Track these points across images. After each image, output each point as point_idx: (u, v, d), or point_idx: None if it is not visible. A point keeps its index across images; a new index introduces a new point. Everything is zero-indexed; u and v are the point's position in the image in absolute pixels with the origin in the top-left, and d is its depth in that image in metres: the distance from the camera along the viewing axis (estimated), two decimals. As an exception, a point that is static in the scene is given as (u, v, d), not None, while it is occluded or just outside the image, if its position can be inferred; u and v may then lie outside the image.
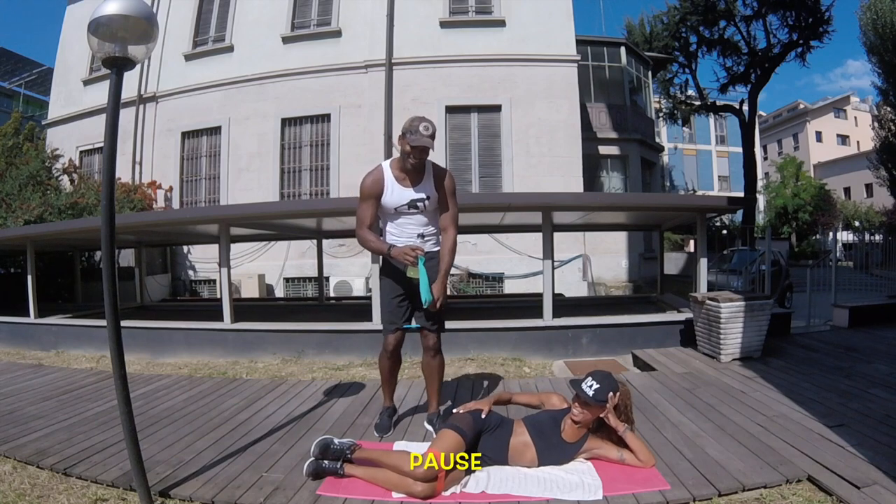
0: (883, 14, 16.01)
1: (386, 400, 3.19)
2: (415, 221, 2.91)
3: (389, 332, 2.98)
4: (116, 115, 2.11)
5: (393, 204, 2.86)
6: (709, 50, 18.02)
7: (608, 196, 9.90)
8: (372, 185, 2.85)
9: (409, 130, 2.71)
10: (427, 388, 3.18)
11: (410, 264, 2.71)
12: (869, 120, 23.62)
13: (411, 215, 2.90)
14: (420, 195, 2.85)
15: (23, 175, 9.22)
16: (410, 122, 2.73)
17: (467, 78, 10.28)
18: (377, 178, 2.85)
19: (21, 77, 22.13)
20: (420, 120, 2.71)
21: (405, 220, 2.91)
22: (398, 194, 2.85)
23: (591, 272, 10.63)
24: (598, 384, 2.47)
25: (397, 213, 2.89)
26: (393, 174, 2.86)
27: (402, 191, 2.84)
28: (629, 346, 5.17)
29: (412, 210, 2.87)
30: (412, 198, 2.85)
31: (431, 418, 3.08)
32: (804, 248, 24.48)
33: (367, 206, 2.87)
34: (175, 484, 2.42)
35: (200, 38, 11.55)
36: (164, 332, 5.76)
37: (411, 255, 2.70)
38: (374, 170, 2.91)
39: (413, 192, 2.85)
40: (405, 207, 2.86)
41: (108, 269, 2.10)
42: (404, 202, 2.85)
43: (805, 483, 2.34)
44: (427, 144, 2.69)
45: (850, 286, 7.47)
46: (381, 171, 2.87)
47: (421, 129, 2.68)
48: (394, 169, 2.87)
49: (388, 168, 2.88)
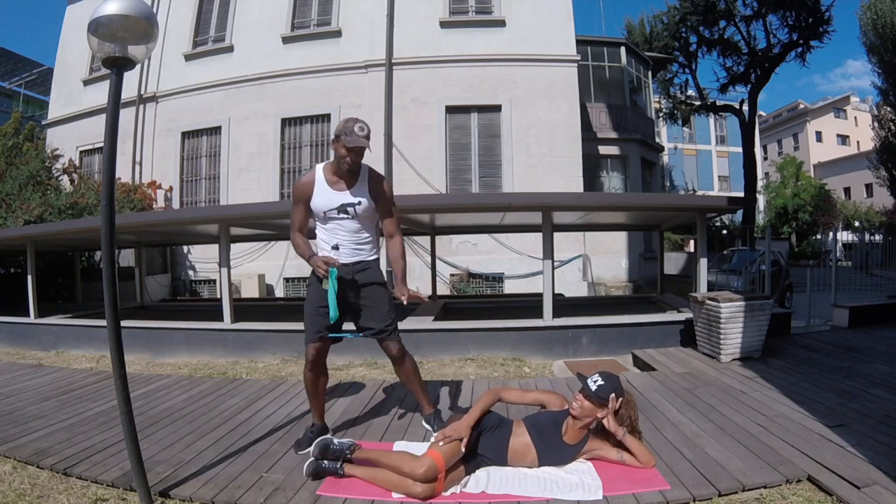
0: (883, 14, 16.01)
1: (315, 417, 2.94)
2: (345, 228, 2.75)
3: (310, 342, 2.77)
4: (116, 115, 2.11)
5: (321, 207, 2.70)
6: (709, 50, 18.02)
7: (608, 196, 9.91)
8: (301, 188, 2.73)
9: (343, 132, 2.59)
10: (413, 393, 3.06)
11: (322, 276, 2.61)
12: (869, 120, 23.62)
13: (341, 220, 2.73)
14: (352, 199, 2.70)
15: (23, 175, 9.22)
16: (344, 124, 2.62)
17: (467, 78, 10.29)
18: (308, 181, 2.73)
19: (21, 77, 22.14)
20: (354, 121, 2.61)
21: (335, 226, 2.75)
22: (328, 198, 2.70)
23: (591, 272, 10.63)
24: (603, 382, 2.48)
25: (327, 217, 2.73)
26: (325, 177, 2.71)
27: (332, 194, 2.70)
28: (629, 346, 5.17)
29: (342, 215, 2.71)
30: (343, 202, 2.69)
31: (429, 418, 3.02)
32: (804, 248, 24.49)
33: (297, 210, 2.76)
34: (175, 484, 2.42)
35: (200, 38, 11.55)
36: (164, 332, 5.76)
37: (323, 267, 2.58)
38: (307, 173, 2.79)
39: (344, 196, 2.70)
40: (334, 212, 2.71)
41: (108, 269, 2.10)
42: (334, 206, 2.70)
43: (805, 483, 2.34)
44: (364, 145, 2.58)
45: (850, 286, 7.48)
46: (314, 173, 2.74)
47: (356, 129, 2.58)
48: (327, 172, 2.73)
49: (321, 170, 2.74)
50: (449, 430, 2.40)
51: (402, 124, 10.24)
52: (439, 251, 9.16)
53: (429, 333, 5.31)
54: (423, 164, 10.14)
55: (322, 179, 2.71)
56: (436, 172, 10.11)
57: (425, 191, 9.85)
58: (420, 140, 10.21)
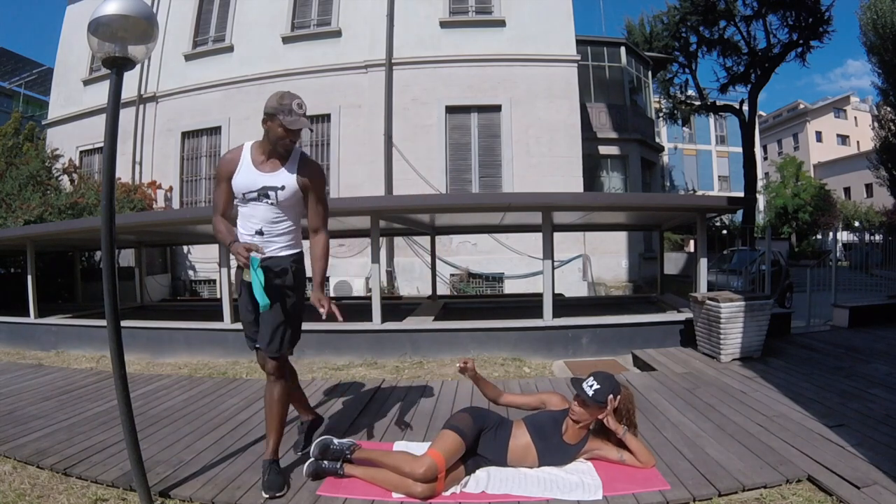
0: (883, 14, 16.03)
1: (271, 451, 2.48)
2: (260, 215, 2.44)
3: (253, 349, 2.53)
4: (116, 115, 2.11)
5: (241, 188, 2.43)
6: (709, 50, 18.02)
7: (608, 196, 9.90)
8: (225, 164, 2.46)
9: (280, 110, 2.31)
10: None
11: (242, 265, 2.34)
12: (869, 120, 23.63)
13: (258, 205, 2.44)
14: (275, 183, 2.41)
15: (23, 175, 9.22)
16: (279, 101, 2.33)
17: (467, 78, 10.28)
18: (232, 157, 2.46)
19: (21, 77, 22.14)
20: (291, 97, 2.35)
21: (251, 211, 2.45)
22: (250, 178, 2.42)
23: (591, 272, 10.63)
24: (599, 385, 2.47)
25: (245, 200, 2.44)
26: (251, 155, 2.45)
27: (255, 175, 2.42)
28: (629, 346, 5.17)
29: (262, 199, 2.42)
30: (265, 184, 2.41)
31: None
32: (804, 248, 24.49)
33: (220, 189, 2.48)
34: (175, 484, 2.42)
35: (200, 38, 11.55)
36: (164, 332, 5.76)
37: (244, 254, 2.28)
38: (233, 148, 2.52)
39: (268, 177, 2.42)
40: (254, 195, 2.42)
41: (108, 269, 2.10)
42: (254, 188, 2.41)
43: (805, 483, 2.35)
44: (305, 125, 2.35)
45: (850, 286, 7.48)
46: (240, 150, 2.48)
47: (295, 107, 2.33)
48: (255, 150, 2.46)
49: (248, 148, 2.48)
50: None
51: (402, 124, 10.24)
52: (439, 251, 9.17)
53: (429, 333, 5.31)
54: (423, 164, 10.14)
55: (248, 157, 2.45)
56: (436, 172, 10.11)
57: (425, 191, 9.85)
58: (420, 140, 10.21)
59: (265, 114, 2.36)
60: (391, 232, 8.69)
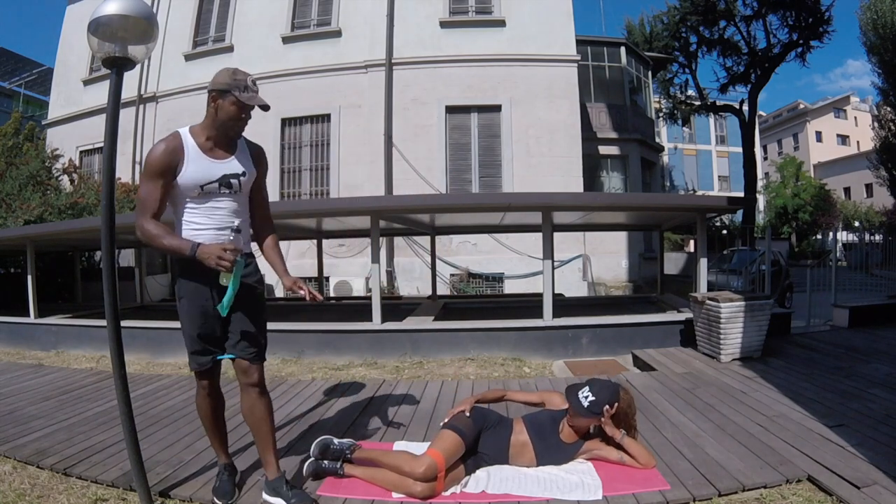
0: (883, 14, 16.03)
1: (221, 456, 2.38)
2: (227, 208, 2.17)
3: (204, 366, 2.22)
4: (116, 115, 2.10)
5: (197, 180, 2.10)
6: (709, 50, 18.03)
7: (608, 196, 9.91)
8: (164, 157, 2.05)
9: (234, 86, 2.05)
10: (257, 444, 2.29)
11: (225, 270, 1.97)
12: (869, 120, 23.63)
13: (222, 198, 2.15)
14: (235, 169, 2.16)
15: (23, 175, 9.22)
16: (233, 76, 2.07)
17: (467, 78, 10.29)
18: (172, 147, 2.07)
19: (21, 77, 22.16)
20: (244, 73, 2.10)
21: (215, 205, 2.14)
22: (205, 168, 2.11)
23: (591, 272, 10.63)
24: (595, 396, 2.41)
25: (204, 194, 2.12)
26: (196, 142, 2.12)
27: (210, 164, 2.12)
28: (629, 346, 5.17)
29: (224, 191, 2.15)
30: (225, 172, 2.14)
31: (276, 485, 2.22)
32: (804, 248, 24.49)
33: (155, 187, 2.06)
34: (175, 484, 2.42)
35: (200, 38, 11.56)
36: (164, 332, 5.76)
37: (228, 258, 1.94)
38: (167, 137, 2.13)
39: (227, 165, 2.15)
40: (215, 186, 2.13)
41: (108, 269, 2.10)
42: (214, 178, 2.12)
43: (805, 483, 2.34)
44: (262, 102, 2.10)
45: (850, 286, 7.48)
46: (179, 137, 2.11)
47: (250, 83, 2.09)
48: (197, 136, 2.13)
49: (188, 134, 2.13)
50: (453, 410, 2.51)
51: (402, 124, 10.24)
52: (439, 251, 9.17)
53: (429, 333, 5.31)
54: (423, 164, 10.14)
55: (193, 145, 2.11)
56: (436, 172, 10.11)
57: (425, 191, 9.85)
58: (420, 140, 10.21)
59: (215, 91, 2.08)
60: (391, 232, 8.69)
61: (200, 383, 2.28)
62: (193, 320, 2.17)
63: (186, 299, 2.17)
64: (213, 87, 2.09)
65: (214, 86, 2.09)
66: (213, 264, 1.95)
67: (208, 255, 1.95)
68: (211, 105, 2.11)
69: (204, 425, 2.36)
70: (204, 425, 2.36)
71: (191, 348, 2.22)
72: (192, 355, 2.23)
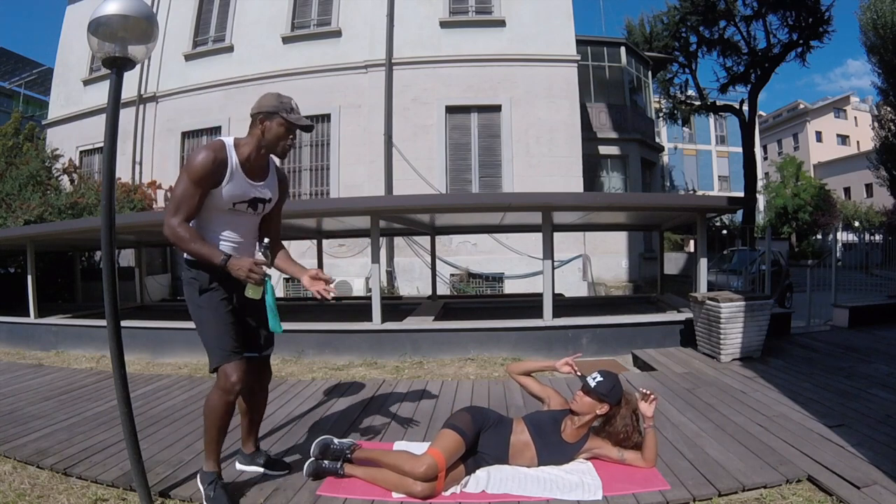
0: (883, 14, 16.03)
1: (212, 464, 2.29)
2: (251, 227, 2.32)
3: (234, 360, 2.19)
4: (116, 115, 2.10)
5: (232, 198, 2.18)
6: (709, 50, 18.01)
7: (608, 196, 9.91)
8: (212, 167, 2.09)
9: (282, 108, 2.14)
10: (249, 426, 2.53)
11: (255, 283, 2.09)
12: (869, 120, 23.61)
13: (247, 217, 2.28)
14: (265, 194, 2.29)
15: (23, 175, 9.22)
16: (279, 99, 2.16)
17: (467, 78, 10.28)
18: (221, 159, 2.12)
19: (21, 77, 22.16)
20: (288, 97, 2.20)
21: (235, 219, 2.25)
22: (242, 188, 2.19)
23: (591, 272, 10.63)
24: (602, 378, 2.50)
25: (234, 211, 2.22)
26: (239, 159, 2.17)
27: (246, 185, 2.20)
28: (629, 346, 5.17)
29: (250, 210, 2.27)
30: (255, 196, 2.25)
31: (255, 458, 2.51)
32: (804, 248, 24.49)
33: (195, 192, 2.10)
34: (175, 484, 2.42)
35: (200, 38, 11.55)
36: (164, 332, 5.76)
37: (258, 272, 2.07)
38: (214, 145, 2.15)
39: (257, 189, 2.25)
40: (244, 206, 2.23)
41: (108, 269, 2.10)
42: (246, 199, 2.22)
43: (805, 483, 2.34)
44: (309, 124, 2.21)
45: (850, 286, 7.48)
46: (225, 150, 2.14)
47: (294, 105, 2.17)
48: (240, 154, 2.18)
49: (232, 148, 2.17)
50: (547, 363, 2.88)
51: (402, 124, 10.24)
52: (439, 251, 9.17)
53: (429, 333, 5.31)
54: (423, 164, 10.14)
55: (237, 162, 2.17)
56: (436, 172, 10.11)
57: (425, 191, 9.85)
58: (420, 140, 10.21)
59: (262, 113, 2.15)
60: (391, 232, 8.70)
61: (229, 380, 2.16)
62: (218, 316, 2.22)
63: (212, 300, 2.22)
64: (260, 110, 2.16)
65: (261, 108, 2.16)
66: (243, 276, 2.06)
67: (240, 268, 2.06)
68: (258, 127, 2.17)
69: (213, 426, 2.23)
70: (213, 426, 2.23)
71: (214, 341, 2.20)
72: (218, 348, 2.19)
